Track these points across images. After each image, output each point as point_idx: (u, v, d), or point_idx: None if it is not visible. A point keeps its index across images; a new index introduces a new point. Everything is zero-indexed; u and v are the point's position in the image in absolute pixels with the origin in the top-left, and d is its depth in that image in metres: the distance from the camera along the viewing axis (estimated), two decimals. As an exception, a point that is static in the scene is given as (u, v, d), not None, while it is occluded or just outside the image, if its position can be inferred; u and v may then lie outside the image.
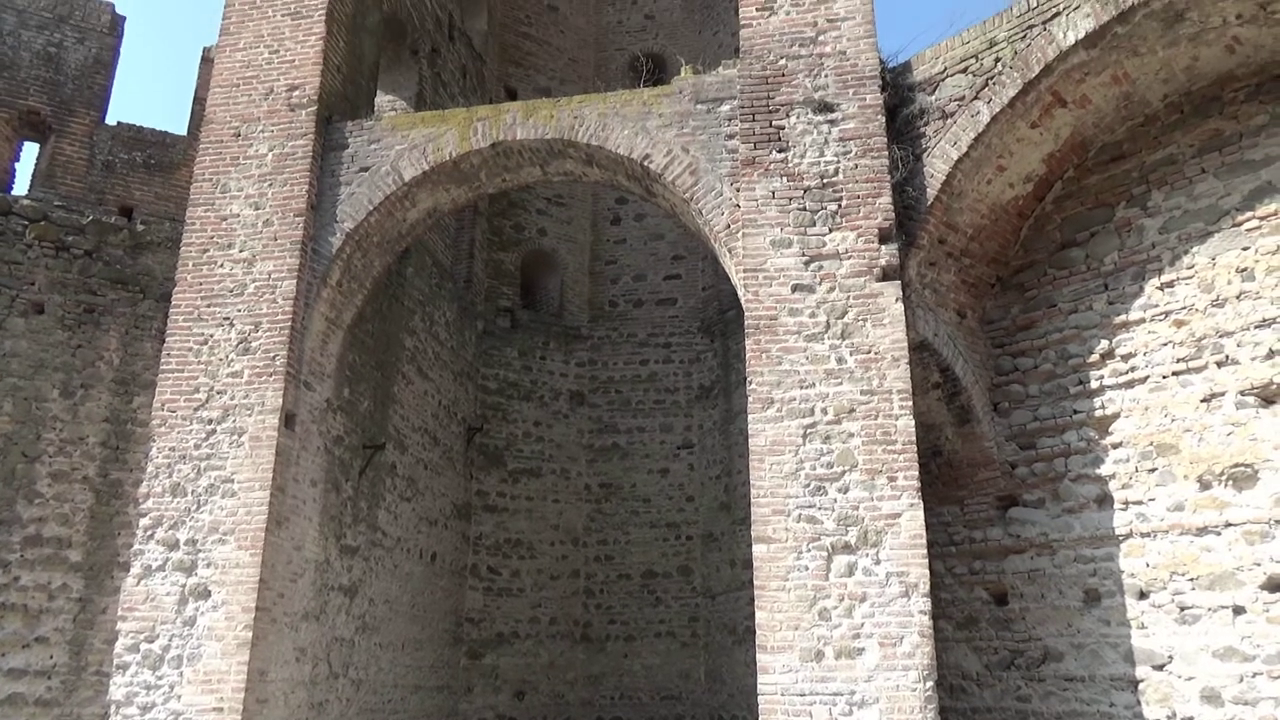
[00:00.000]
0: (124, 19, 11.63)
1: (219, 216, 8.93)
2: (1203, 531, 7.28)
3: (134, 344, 9.69)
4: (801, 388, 7.48)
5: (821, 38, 8.40)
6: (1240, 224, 7.49)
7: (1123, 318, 8.02)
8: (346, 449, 9.53)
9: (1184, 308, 7.69)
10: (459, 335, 12.81)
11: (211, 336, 8.52)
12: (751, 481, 7.39)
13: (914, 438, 7.24)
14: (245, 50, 9.50)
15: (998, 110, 7.78)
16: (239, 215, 8.88)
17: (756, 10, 8.61)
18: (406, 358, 11.16)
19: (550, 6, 16.07)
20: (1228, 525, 7.15)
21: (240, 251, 8.76)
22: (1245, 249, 7.43)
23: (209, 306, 8.64)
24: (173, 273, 9.10)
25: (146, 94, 35.33)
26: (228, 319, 8.54)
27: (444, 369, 12.25)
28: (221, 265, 8.75)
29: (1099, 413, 8.04)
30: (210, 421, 8.28)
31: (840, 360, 7.50)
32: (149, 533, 8.07)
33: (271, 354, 8.37)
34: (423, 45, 12.29)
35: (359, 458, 9.78)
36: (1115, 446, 7.92)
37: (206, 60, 11.99)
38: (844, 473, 7.23)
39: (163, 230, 10.02)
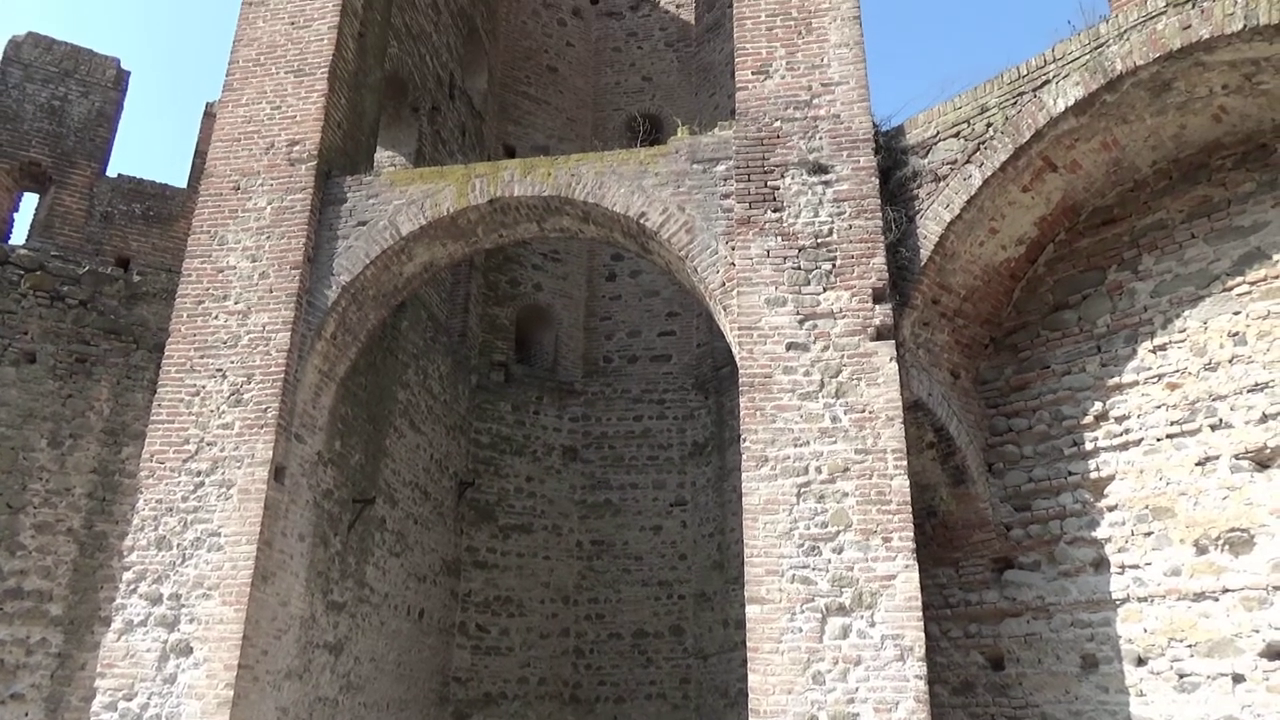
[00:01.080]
0: (129, 74, 11.80)
1: (215, 268, 8.96)
2: (1200, 597, 7.20)
3: (125, 394, 9.64)
4: (796, 446, 7.45)
5: (816, 101, 8.54)
6: (1231, 289, 7.55)
7: (1116, 380, 8.04)
8: (336, 503, 9.43)
9: (1177, 371, 7.71)
10: (452, 389, 12.79)
11: (204, 388, 8.49)
12: (745, 540, 7.32)
13: (909, 498, 7.20)
14: (248, 105, 9.63)
15: (989, 174, 7.89)
16: (235, 267, 8.91)
17: (752, 74, 8.77)
18: (399, 411, 11.11)
19: (550, 67, 16.37)
20: (1225, 591, 7.07)
21: (235, 303, 8.76)
22: (1236, 313, 7.48)
23: (202, 358, 8.62)
24: (167, 323, 9.10)
25: (148, 147, 35.71)
26: (220, 370, 8.51)
27: (436, 423, 12.19)
28: (216, 317, 8.75)
29: (1094, 475, 8.01)
30: (199, 473, 8.20)
31: (835, 419, 7.49)
32: (132, 587, 7.94)
33: (263, 406, 8.32)
34: (423, 103, 12.47)
35: (348, 512, 9.68)
36: (1111, 509, 7.87)
37: (209, 115, 12.14)
38: (838, 533, 7.16)
39: (159, 281, 10.03)
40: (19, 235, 11.42)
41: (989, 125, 8.01)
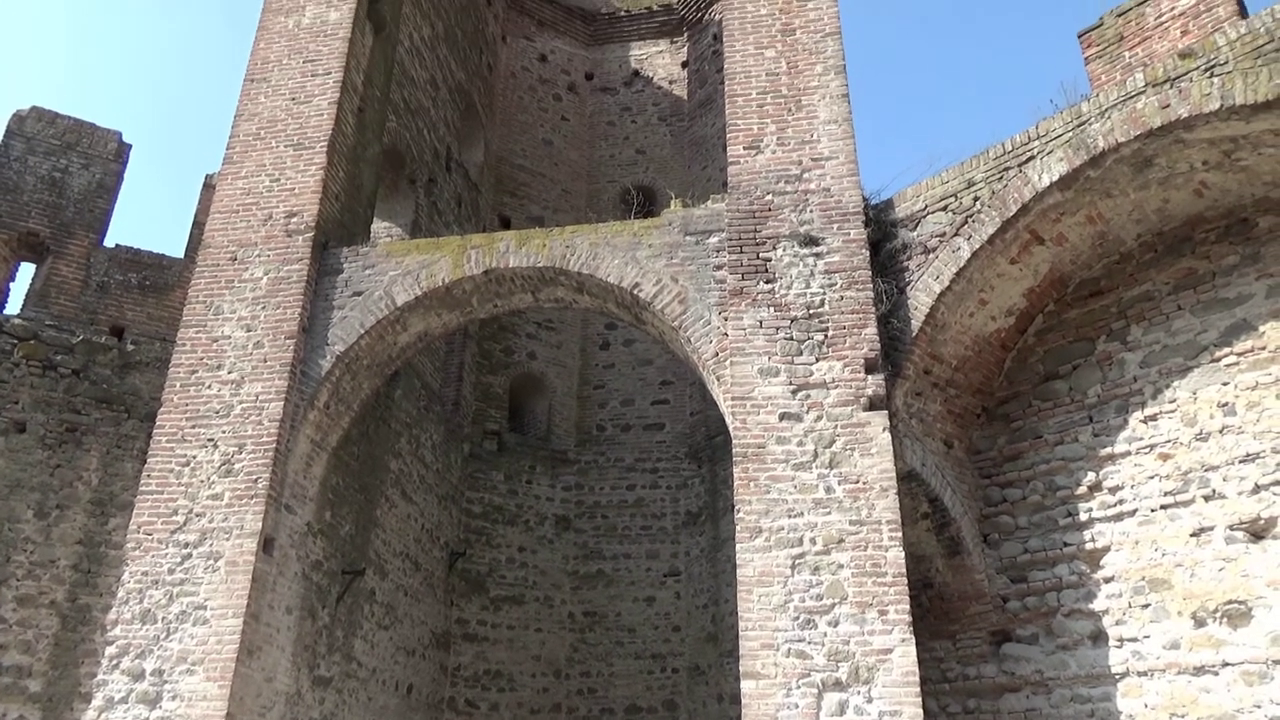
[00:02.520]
0: (130, 147, 12.00)
1: (210, 338, 8.98)
2: (1200, 671, 7.11)
3: (114, 464, 9.58)
4: (790, 517, 7.41)
5: (806, 175, 8.71)
6: (1219, 360, 7.63)
7: (1108, 450, 8.06)
8: (325, 574, 9.30)
9: (1168, 441, 7.74)
10: (445, 458, 12.72)
11: (194, 458, 8.43)
12: (740, 614, 7.22)
13: (904, 570, 7.14)
14: (247, 178, 9.77)
15: (978, 246, 8.01)
16: (230, 337, 8.93)
17: (744, 149, 8.95)
18: (391, 481, 11.04)
19: (545, 140, 16.68)
20: (1225, 665, 6.99)
21: (229, 373, 8.77)
22: (1225, 384, 7.54)
23: (194, 427, 8.59)
24: (159, 393, 9.08)
25: (147, 217, 36.06)
26: (212, 440, 8.48)
27: (428, 492, 12.10)
28: (209, 386, 8.74)
29: (1089, 545, 7.97)
30: (186, 545, 8.10)
31: (829, 489, 7.46)
32: (114, 662, 7.77)
33: (254, 476, 8.27)
34: (421, 175, 12.67)
35: (337, 583, 9.54)
36: (1107, 580, 7.81)
37: (208, 186, 12.31)
38: (834, 605, 7.08)
39: (152, 350, 10.05)
40: (14, 305, 11.47)
41: (976, 199, 8.17)
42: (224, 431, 8.50)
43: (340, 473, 9.68)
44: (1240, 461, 7.31)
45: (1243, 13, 8.84)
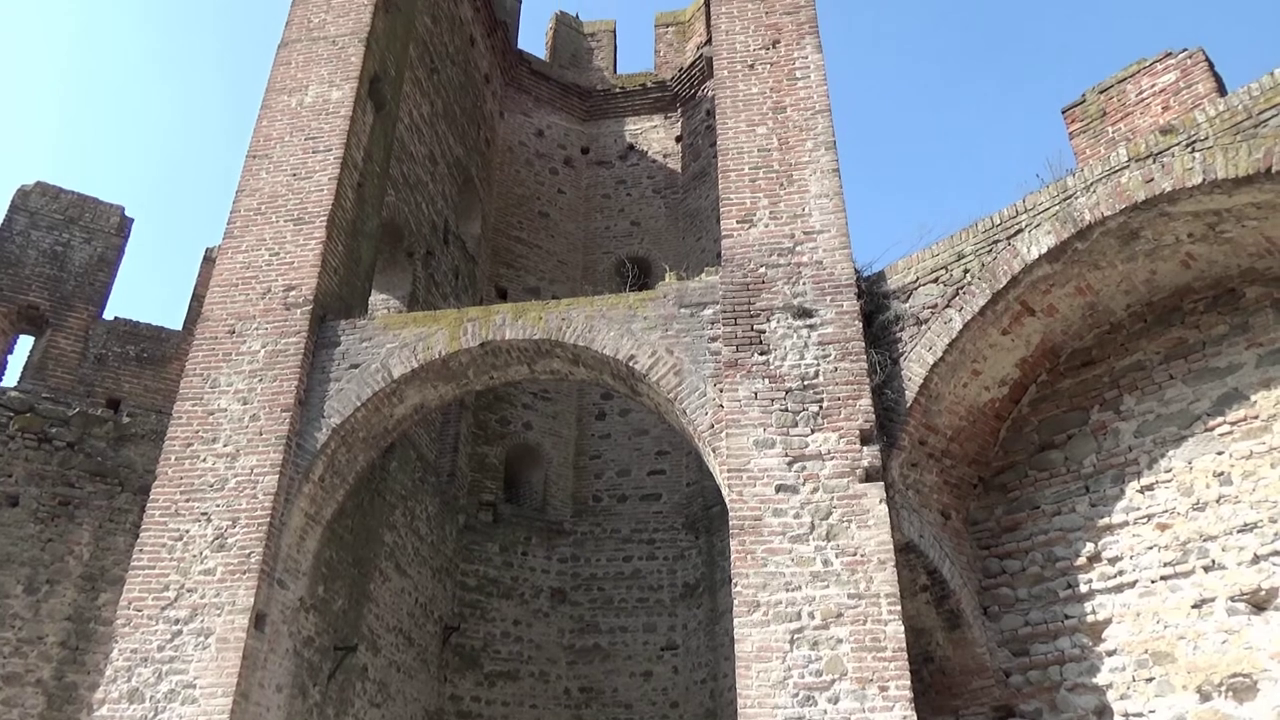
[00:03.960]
0: (132, 221, 12.15)
1: (206, 411, 8.98)
2: (1208, 747, 6.97)
3: (106, 538, 9.51)
4: (788, 590, 7.34)
5: (799, 248, 8.83)
6: (1213, 429, 7.65)
7: (1106, 520, 8.03)
8: (317, 650, 9.15)
9: (1166, 511, 7.72)
10: (440, 530, 12.62)
11: (187, 532, 8.37)
12: (738, 690, 7.11)
13: (904, 644, 7.04)
14: (247, 252, 9.88)
15: (969, 318, 8.09)
16: (226, 410, 8.94)
17: (737, 222, 9.10)
18: (385, 554, 10.93)
19: (542, 213, 16.93)
20: (1233, 741, 6.86)
21: (224, 446, 8.75)
22: (1220, 453, 7.56)
23: (187, 501, 8.53)
24: (154, 465, 9.04)
25: (147, 289, 36.32)
26: (205, 514, 8.42)
27: (423, 565, 11.98)
28: (204, 459, 8.71)
29: (1090, 618, 7.89)
30: (177, 621, 7.98)
31: (826, 562, 7.40)
32: (100, 744, 7.59)
33: (247, 551, 8.19)
34: (418, 248, 12.83)
35: (329, 660, 9.38)
36: (1110, 654, 7.71)
37: (208, 260, 12.44)
38: (833, 681, 6.97)
39: (148, 422, 10.05)
40: (12, 377, 11.49)
41: (966, 271, 8.28)
42: (218, 505, 8.45)
43: (334, 546, 9.59)
44: (1238, 531, 7.28)
45: (1221, 89, 9.11)
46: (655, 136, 17.94)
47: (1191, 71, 9.08)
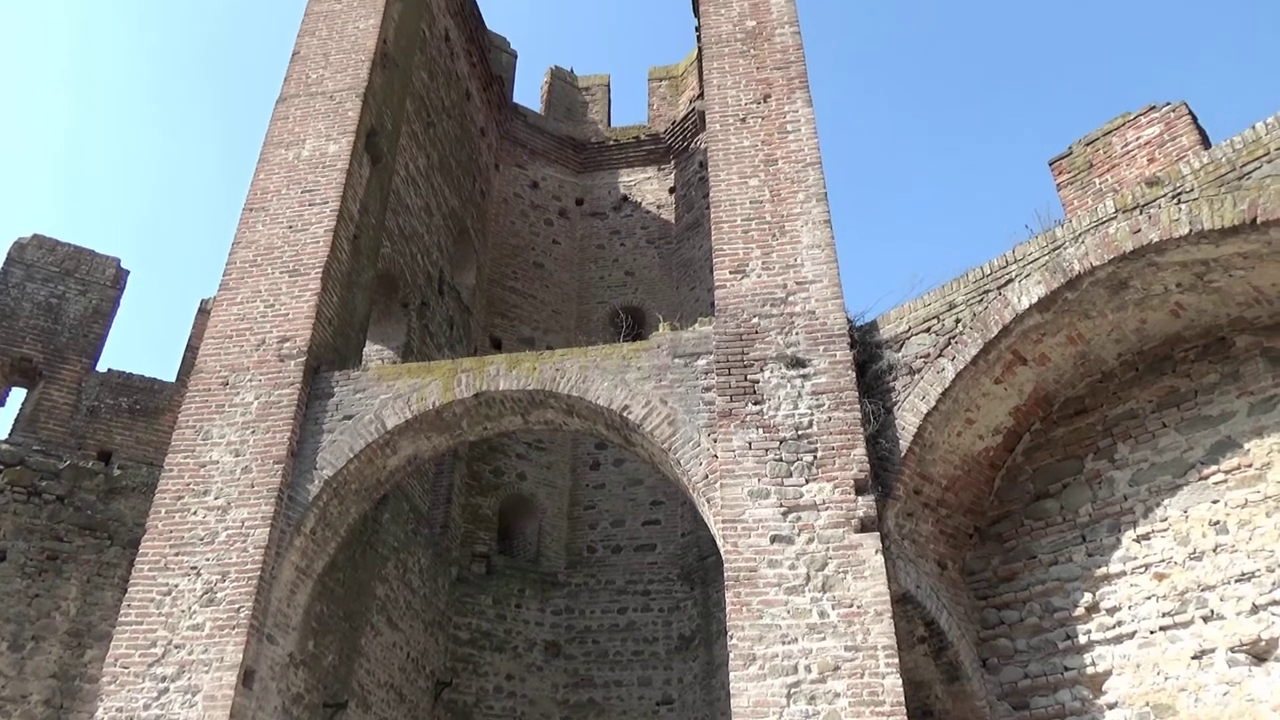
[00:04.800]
0: (128, 273, 12.19)
1: (198, 463, 8.93)
2: (1213, 803, 6.86)
3: (94, 593, 9.39)
4: (784, 643, 7.25)
5: (792, 298, 8.89)
6: (1207, 477, 7.64)
7: (1103, 570, 7.98)
8: (306, 708, 8.99)
9: (1163, 560, 7.67)
10: (432, 582, 12.48)
11: (176, 587, 8.26)
12: (734, 747, 6.98)
13: (902, 698, 6.95)
14: (242, 304, 9.91)
15: (962, 367, 8.12)
16: (218, 462, 8.89)
17: (730, 273, 9.16)
18: (377, 607, 10.79)
19: (536, 263, 17.03)
20: (1238, 796, 6.75)
21: (215, 499, 8.68)
22: (1215, 502, 7.54)
23: (177, 555, 8.44)
24: (144, 519, 8.96)
25: (141, 340, 36.32)
26: (195, 568, 8.32)
27: (415, 618, 11.82)
28: (195, 512, 8.64)
29: (1090, 670, 7.80)
30: (164, 679, 7.85)
31: (822, 614, 7.33)
32: (82, 806, 7.42)
33: (236, 605, 8.09)
34: (413, 299, 12.87)
35: (319, 717, 9.21)
36: (1111, 707, 7.61)
37: (203, 311, 12.46)
38: (831, 737, 6.86)
39: (139, 475, 9.99)
40: (2, 429, 11.43)
41: (958, 321, 8.33)
42: (208, 559, 8.36)
43: (325, 600, 9.48)
44: (1236, 581, 7.24)
45: (1205, 142, 9.25)
46: (649, 188, 18.13)
47: (1175, 124, 9.23)
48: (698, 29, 12.47)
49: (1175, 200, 7.41)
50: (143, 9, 40.59)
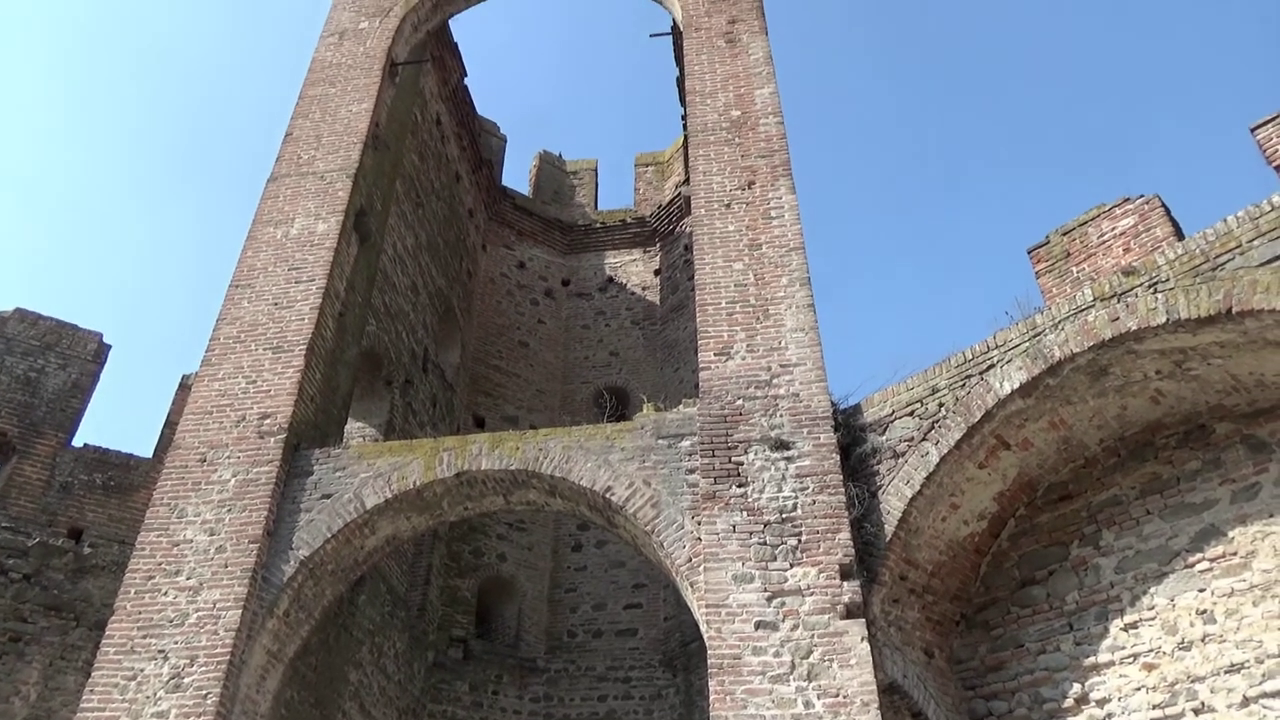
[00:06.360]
0: (110, 347, 12.13)
1: (171, 542, 8.73)
2: None
3: (56, 676, 9.08)
4: (768, 735, 7.05)
5: (775, 381, 8.91)
6: (1192, 565, 7.60)
7: (1092, 659, 7.85)
8: (272, 801, 8.62)
9: (1151, 650, 7.57)
10: (407, 667, 12.15)
11: (141, 671, 7.99)
12: (717, 845, 6.73)
13: (890, 794, 6.74)
14: (224, 380, 9.84)
15: (945, 451, 8.11)
16: (192, 541, 8.70)
17: (714, 355, 9.20)
18: (349, 693, 10.47)
19: (521, 343, 17.08)
20: None
21: (187, 579, 8.47)
22: (1201, 590, 7.48)
23: (144, 638, 8.18)
24: (113, 599, 8.71)
25: (120, 415, 35.93)
26: (162, 652, 8.06)
27: (389, 706, 11.46)
28: (165, 593, 8.41)
29: (1082, 765, 7.61)
30: (124, 769, 7.53)
31: (808, 704, 7.15)
32: None
33: (204, 692, 7.81)
34: (397, 377, 12.84)
35: (285, 811, 8.84)
36: (1104, 804, 7.41)
37: (184, 387, 12.36)
38: (817, 835, 6.62)
39: (110, 553, 9.76)
40: (-28, 505, 11.17)
41: (941, 405, 8.36)
42: (176, 642, 8.11)
43: (296, 686, 9.18)
44: (1226, 672, 7.14)
45: (1178, 233, 9.46)
46: (634, 270, 18.33)
47: (1149, 216, 9.45)
48: (684, 118, 12.79)
49: (1152, 289, 7.54)
50: (130, 85, 41.35)
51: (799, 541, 7.92)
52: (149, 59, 41.70)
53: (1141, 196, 9.71)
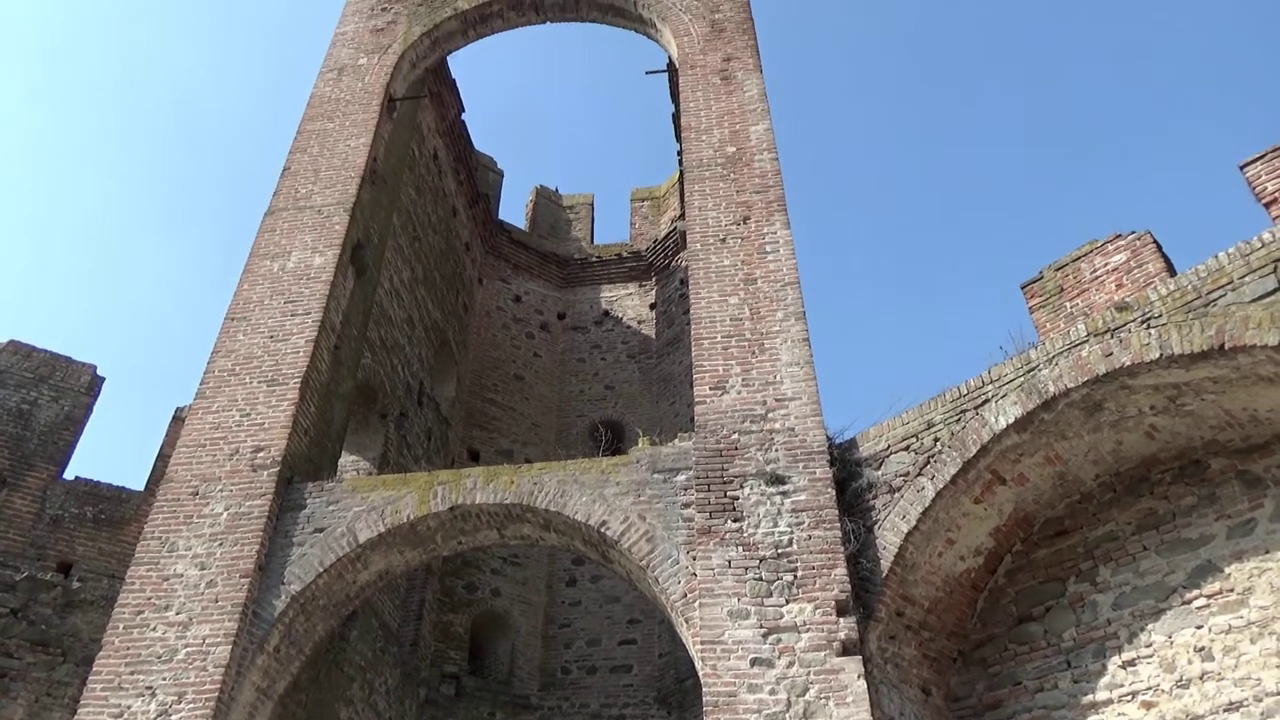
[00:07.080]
0: (103, 380, 12.08)
1: (161, 576, 8.65)
2: None
3: (42, 713, 8.94)
4: (764, 774, 6.96)
5: (771, 415, 8.90)
6: (1190, 602, 7.55)
7: (1090, 698, 7.78)
8: (259, 842, 8.46)
9: (1149, 688, 7.50)
10: (399, 705, 11.99)
11: (129, 708, 7.87)
12: None
13: (888, 835, 6.64)
14: (218, 412, 9.80)
15: (941, 486, 8.09)
16: (182, 575, 8.61)
17: (710, 389, 9.20)
18: (339, 731, 10.31)
19: (517, 376, 17.07)
20: None
21: (177, 614, 8.37)
22: (1199, 627, 7.43)
23: (132, 674, 8.08)
24: (101, 634, 8.61)
25: (113, 447, 35.75)
26: (150, 688, 7.95)
27: (379, 744, 11.29)
28: (154, 628, 8.31)
29: (1081, 805, 7.50)
30: (109, 809, 7.40)
31: (804, 743, 7.06)
32: None
33: (192, 729, 7.69)
34: (392, 410, 12.80)
35: None
36: (1104, 845, 7.30)
37: (177, 420, 12.29)
38: None
39: (99, 587, 9.66)
40: (-40, 538, 11.06)
41: (936, 440, 8.35)
42: (164, 678, 8.00)
43: (285, 723, 9.05)
44: (1225, 710, 7.07)
45: (1170, 269, 9.52)
46: (630, 304, 18.38)
47: (1141, 252, 9.51)
48: (680, 153, 12.90)
49: (1145, 325, 7.58)
50: (128, 116, 41.62)
51: (795, 577, 7.87)
52: (148, 89, 42.04)
53: (1133, 233, 9.78)
